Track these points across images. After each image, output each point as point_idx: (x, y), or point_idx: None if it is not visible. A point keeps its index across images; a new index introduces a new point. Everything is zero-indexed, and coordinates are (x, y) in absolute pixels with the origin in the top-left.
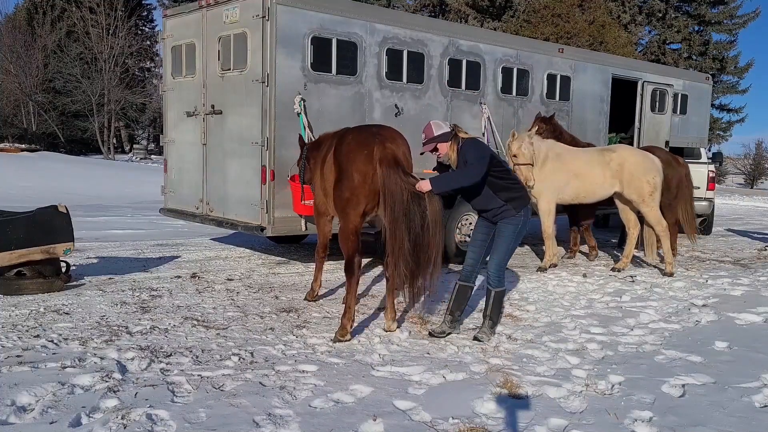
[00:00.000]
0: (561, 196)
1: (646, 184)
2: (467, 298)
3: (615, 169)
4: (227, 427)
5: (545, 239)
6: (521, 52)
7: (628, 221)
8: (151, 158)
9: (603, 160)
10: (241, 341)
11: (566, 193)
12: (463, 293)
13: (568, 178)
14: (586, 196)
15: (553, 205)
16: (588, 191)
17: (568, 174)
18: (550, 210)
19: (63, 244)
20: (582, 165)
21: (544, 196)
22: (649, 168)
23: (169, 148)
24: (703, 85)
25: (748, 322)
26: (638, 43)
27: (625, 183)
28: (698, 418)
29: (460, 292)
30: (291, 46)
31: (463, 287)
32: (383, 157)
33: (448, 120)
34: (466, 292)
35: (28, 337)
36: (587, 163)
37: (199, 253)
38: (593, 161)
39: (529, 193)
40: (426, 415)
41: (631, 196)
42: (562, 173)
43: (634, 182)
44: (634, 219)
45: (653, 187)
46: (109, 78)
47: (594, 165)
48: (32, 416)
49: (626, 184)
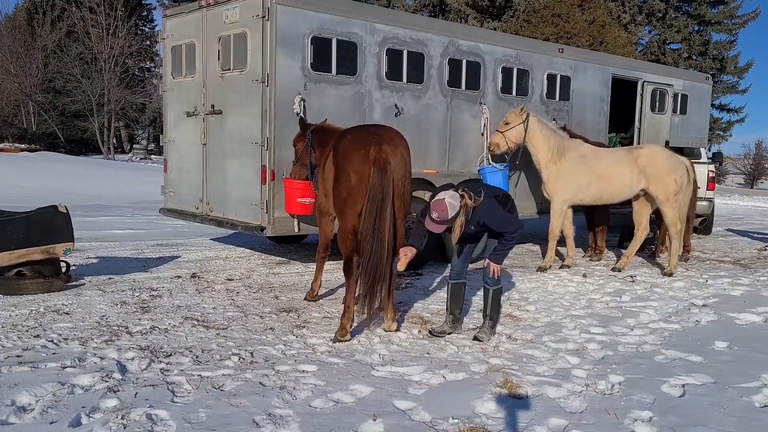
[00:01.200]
0: (582, 198)
1: (672, 182)
2: (462, 294)
3: (643, 166)
4: (227, 427)
5: (549, 239)
6: (521, 52)
7: (639, 224)
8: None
9: (630, 159)
10: (241, 341)
11: (588, 195)
12: (457, 291)
13: (590, 179)
14: (610, 196)
15: (567, 206)
16: (612, 192)
17: (591, 175)
18: (562, 210)
19: (63, 244)
20: (607, 165)
21: (559, 196)
22: (677, 166)
23: (169, 148)
24: (703, 85)
25: (748, 322)
26: (638, 43)
27: (652, 180)
28: (698, 418)
29: (454, 291)
30: (291, 46)
31: (456, 285)
32: (377, 159)
33: (448, 119)
34: (460, 288)
35: (28, 337)
36: (613, 163)
37: (199, 253)
38: (619, 161)
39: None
40: (426, 415)
41: (657, 194)
42: (584, 174)
43: (662, 179)
44: (646, 223)
45: (679, 187)
46: (109, 78)
47: (622, 164)
48: (32, 416)
49: (653, 180)
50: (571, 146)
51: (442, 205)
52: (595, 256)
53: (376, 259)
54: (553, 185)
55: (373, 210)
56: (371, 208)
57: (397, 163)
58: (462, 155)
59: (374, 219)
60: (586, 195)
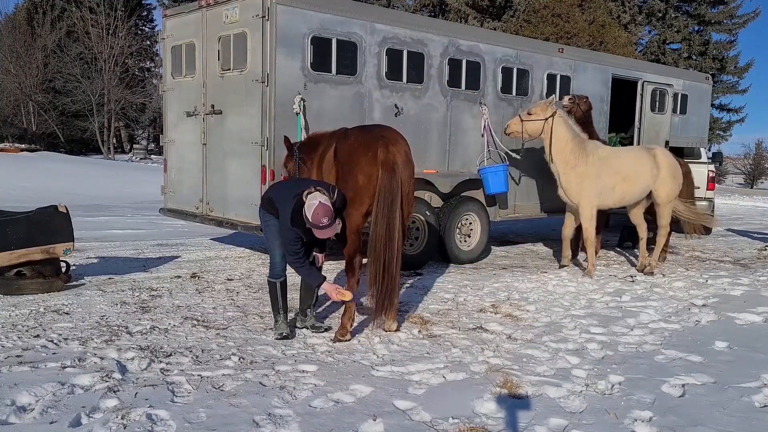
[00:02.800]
0: (605, 202)
1: (677, 186)
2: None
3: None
4: (227, 427)
5: (587, 246)
6: (521, 52)
7: (641, 224)
8: (151, 158)
9: (650, 160)
10: (241, 341)
11: (611, 198)
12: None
13: (615, 182)
14: (632, 198)
15: (596, 210)
16: (635, 193)
17: (616, 177)
18: (592, 216)
19: (63, 244)
20: (630, 166)
21: (587, 201)
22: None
23: (169, 148)
24: (703, 85)
25: (748, 322)
26: (638, 43)
27: (660, 183)
28: (698, 418)
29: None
30: (291, 46)
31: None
32: (386, 160)
33: (448, 119)
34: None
35: (28, 337)
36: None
37: (199, 253)
38: (642, 161)
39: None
40: (426, 415)
41: (660, 196)
42: (608, 177)
43: (669, 183)
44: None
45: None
46: (109, 78)
47: (643, 165)
48: (32, 416)
49: (661, 183)
50: (593, 149)
51: (324, 208)
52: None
53: (389, 261)
54: (576, 190)
55: (384, 212)
56: (382, 210)
57: (404, 163)
58: (462, 155)
59: (386, 221)
60: (609, 198)
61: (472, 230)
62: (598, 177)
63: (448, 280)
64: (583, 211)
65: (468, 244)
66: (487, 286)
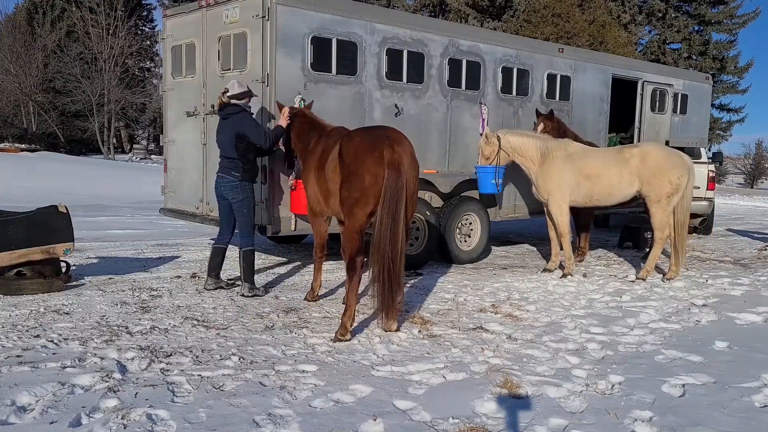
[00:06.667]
0: (574, 198)
1: (667, 183)
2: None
3: (635, 167)
4: (227, 427)
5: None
6: (521, 52)
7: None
8: (151, 158)
9: (621, 159)
10: (241, 341)
11: (578, 195)
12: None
13: (578, 179)
14: (605, 198)
15: (565, 205)
16: (604, 192)
17: (579, 175)
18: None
19: (63, 244)
20: (596, 166)
21: (553, 198)
22: (675, 165)
23: (169, 148)
24: (703, 85)
25: (748, 322)
26: (638, 43)
27: (644, 181)
28: (698, 418)
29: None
30: (291, 46)
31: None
32: (392, 161)
33: (448, 119)
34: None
35: (28, 337)
36: (600, 163)
37: (199, 253)
38: (608, 161)
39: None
40: (426, 415)
41: (648, 194)
42: (570, 174)
43: (654, 180)
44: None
45: (674, 188)
46: (109, 78)
47: (610, 165)
48: (32, 416)
49: (645, 181)
50: (556, 146)
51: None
52: (578, 257)
53: (392, 261)
54: (543, 187)
55: (390, 212)
56: (387, 210)
57: (410, 164)
58: (462, 155)
59: (390, 222)
60: (577, 195)
61: (472, 230)
62: (560, 173)
63: (448, 280)
64: (551, 207)
65: (468, 244)
66: (488, 286)
